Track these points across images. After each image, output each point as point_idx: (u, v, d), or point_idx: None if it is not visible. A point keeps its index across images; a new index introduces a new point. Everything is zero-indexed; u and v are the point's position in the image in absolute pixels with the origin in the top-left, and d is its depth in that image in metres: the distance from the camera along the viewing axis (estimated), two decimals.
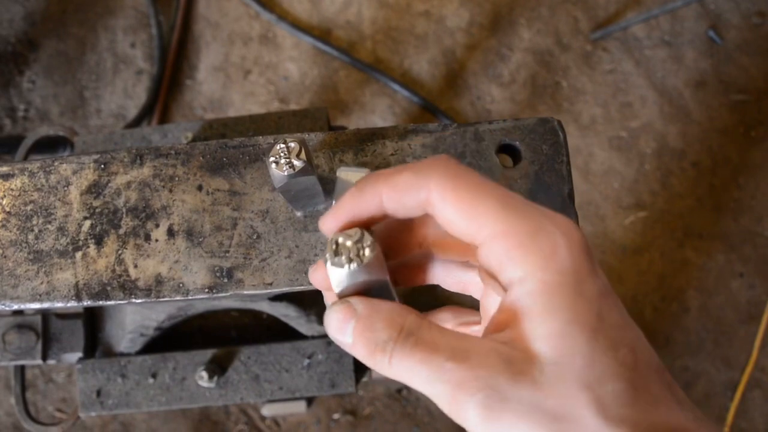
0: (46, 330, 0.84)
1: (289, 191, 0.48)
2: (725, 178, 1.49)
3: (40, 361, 0.83)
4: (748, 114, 1.52)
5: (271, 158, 0.45)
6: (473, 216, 0.31)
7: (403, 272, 0.41)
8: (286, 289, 0.51)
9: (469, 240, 0.32)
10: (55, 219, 0.52)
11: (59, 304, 0.51)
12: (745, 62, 1.53)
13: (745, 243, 1.46)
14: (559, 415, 0.28)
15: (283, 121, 0.85)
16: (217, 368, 0.83)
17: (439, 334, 0.31)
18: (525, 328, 0.29)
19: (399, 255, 0.40)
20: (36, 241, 0.52)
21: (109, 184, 0.53)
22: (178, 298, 0.51)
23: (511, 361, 0.29)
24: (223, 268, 0.51)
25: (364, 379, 0.89)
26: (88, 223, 0.52)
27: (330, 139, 0.54)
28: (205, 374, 0.81)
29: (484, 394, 0.28)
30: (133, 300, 0.51)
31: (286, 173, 0.45)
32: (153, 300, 0.51)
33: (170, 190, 0.53)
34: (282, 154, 0.45)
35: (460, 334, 0.31)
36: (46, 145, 1.27)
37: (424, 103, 1.49)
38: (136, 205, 0.52)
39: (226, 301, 0.79)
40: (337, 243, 0.33)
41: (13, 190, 0.53)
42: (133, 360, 0.83)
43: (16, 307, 0.51)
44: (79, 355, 0.84)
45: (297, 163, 0.45)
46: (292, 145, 0.45)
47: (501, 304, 0.31)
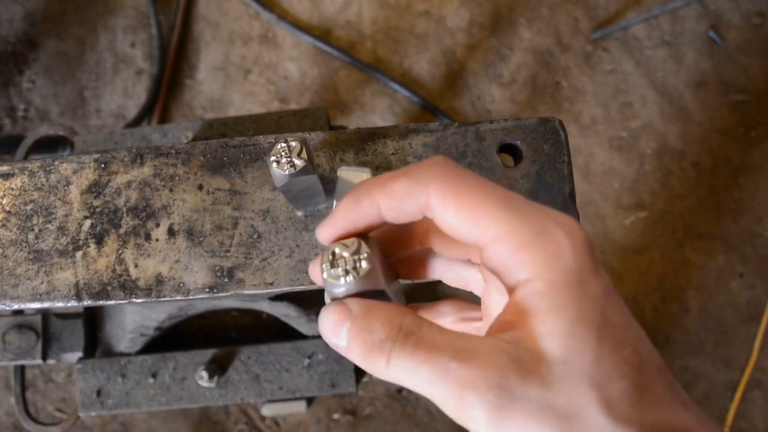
0: (46, 330, 0.84)
1: (290, 191, 0.48)
2: (725, 178, 1.48)
3: (40, 361, 0.83)
4: (749, 114, 1.51)
5: (272, 157, 0.45)
6: (475, 220, 0.31)
7: (404, 267, 0.41)
8: (287, 288, 0.51)
9: (472, 243, 0.32)
10: (56, 218, 0.52)
11: (59, 304, 0.51)
12: (745, 62, 1.53)
13: (745, 243, 1.46)
14: (568, 413, 0.27)
15: (284, 120, 0.85)
16: (218, 368, 0.83)
17: (440, 334, 0.30)
18: (532, 327, 0.29)
19: (399, 253, 0.39)
20: (36, 241, 0.52)
21: (110, 184, 0.53)
22: (179, 298, 0.51)
23: (519, 359, 0.28)
24: (223, 267, 0.51)
25: (365, 379, 0.89)
26: (88, 223, 0.52)
27: (331, 139, 0.54)
28: (205, 374, 0.81)
29: (495, 394, 0.27)
30: (134, 300, 0.51)
31: (287, 172, 0.45)
32: (153, 300, 0.51)
33: (171, 190, 0.53)
34: (283, 153, 0.45)
35: (461, 333, 0.31)
36: (46, 145, 1.27)
37: (424, 103, 1.49)
38: (136, 204, 0.52)
39: (227, 301, 0.79)
40: (333, 254, 0.32)
41: (13, 189, 0.53)
42: (133, 360, 0.83)
43: (16, 307, 0.51)
44: (79, 354, 0.84)
45: (298, 163, 0.45)
46: (293, 144, 0.45)
47: (507, 304, 0.31)
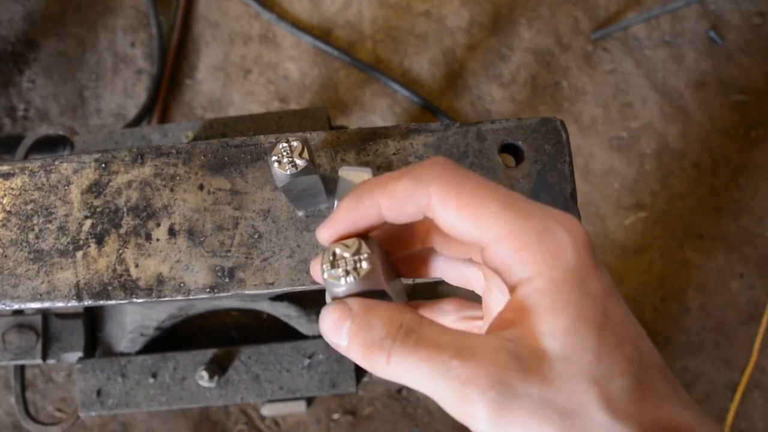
0: (46, 329, 0.84)
1: (291, 190, 0.48)
2: (725, 178, 1.48)
3: (40, 361, 0.83)
4: (749, 114, 1.51)
5: (274, 157, 0.45)
6: (476, 220, 0.31)
7: (406, 265, 0.41)
8: (288, 288, 0.51)
9: (473, 242, 0.32)
10: (56, 218, 0.52)
11: (60, 304, 0.51)
12: (745, 63, 1.53)
13: (745, 243, 1.46)
14: (569, 411, 0.27)
15: (284, 120, 0.85)
16: (218, 368, 0.83)
17: (441, 332, 0.30)
18: (533, 325, 0.29)
19: (400, 253, 0.39)
20: (36, 241, 0.52)
21: (110, 184, 0.53)
22: (180, 298, 0.51)
23: (520, 357, 0.28)
24: (224, 267, 0.51)
25: (365, 379, 0.89)
26: (88, 223, 0.52)
27: (332, 139, 0.54)
28: (205, 374, 0.81)
29: (496, 391, 0.27)
30: (134, 300, 0.51)
31: (288, 172, 0.45)
32: (154, 300, 0.51)
33: (171, 190, 0.53)
34: (284, 153, 0.45)
35: (462, 331, 0.31)
36: (46, 145, 1.27)
37: (425, 103, 1.49)
38: (137, 204, 0.52)
39: (227, 301, 0.79)
40: (334, 254, 0.33)
41: (13, 189, 0.53)
42: (134, 360, 0.83)
43: (16, 307, 0.51)
44: (79, 354, 0.84)
45: (299, 162, 0.45)
46: (295, 144, 0.45)
47: (508, 302, 0.31)
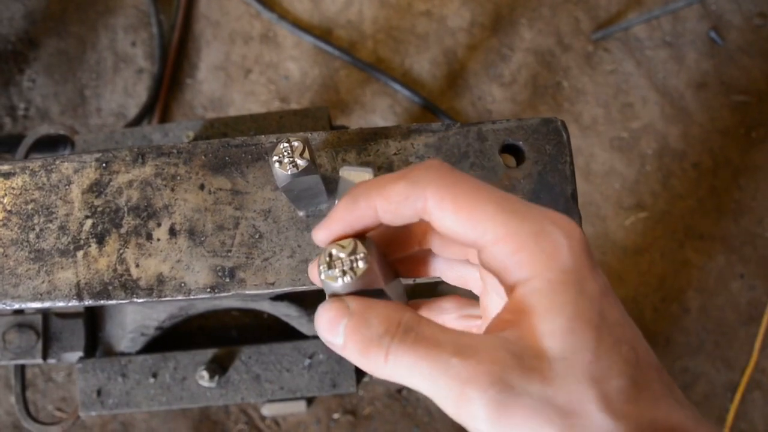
0: (46, 329, 0.84)
1: (292, 190, 0.48)
2: (726, 179, 1.48)
3: (40, 361, 0.83)
4: (749, 115, 1.51)
5: (275, 157, 0.45)
6: (473, 222, 0.31)
7: (405, 266, 0.41)
8: (289, 289, 0.51)
9: (470, 244, 0.32)
10: (57, 218, 0.52)
11: (60, 304, 0.51)
12: (746, 63, 1.53)
13: (745, 244, 1.45)
14: (568, 410, 0.27)
15: (285, 120, 0.85)
16: (218, 368, 0.83)
17: (440, 331, 0.30)
18: (532, 325, 0.29)
19: (398, 254, 0.39)
20: (37, 240, 0.52)
21: (111, 183, 0.53)
22: (180, 298, 0.51)
23: (520, 356, 0.28)
24: (225, 267, 0.51)
25: (365, 379, 0.89)
26: (89, 222, 0.52)
27: (333, 139, 0.54)
28: (205, 374, 0.81)
29: (497, 390, 0.27)
30: (135, 299, 0.50)
31: (289, 172, 0.45)
32: (155, 300, 0.51)
33: (172, 189, 0.53)
34: (285, 153, 0.45)
35: (461, 331, 0.31)
36: (47, 144, 1.26)
37: (425, 103, 1.49)
38: (137, 204, 0.52)
39: (228, 301, 0.79)
40: (330, 255, 0.33)
41: (14, 188, 0.53)
42: (134, 359, 0.83)
43: (17, 307, 0.51)
44: (80, 354, 0.84)
45: (300, 162, 0.45)
46: (296, 144, 0.45)
47: (506, 304, 0.31)
